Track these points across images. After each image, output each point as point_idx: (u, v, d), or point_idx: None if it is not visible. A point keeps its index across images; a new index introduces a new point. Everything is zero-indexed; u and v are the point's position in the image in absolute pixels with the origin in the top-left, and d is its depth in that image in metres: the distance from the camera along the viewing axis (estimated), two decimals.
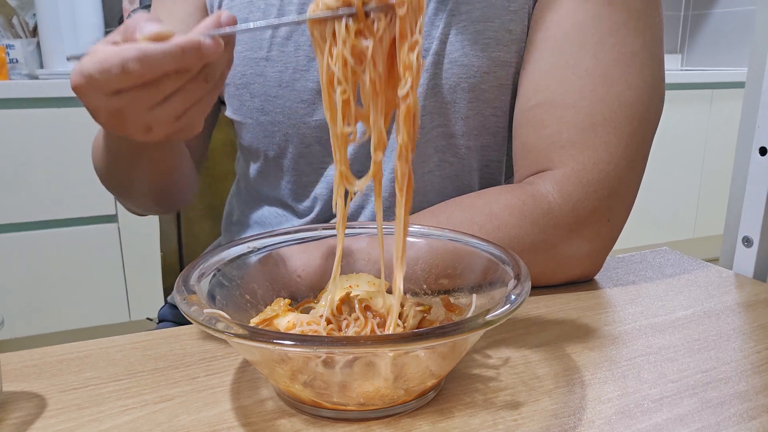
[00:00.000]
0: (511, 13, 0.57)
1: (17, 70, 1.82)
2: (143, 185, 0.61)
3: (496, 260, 0.41)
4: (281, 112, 0.62)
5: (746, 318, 0.49)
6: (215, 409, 0.37)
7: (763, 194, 0.58)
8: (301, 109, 0.61)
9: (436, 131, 0.60)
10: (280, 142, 0.63)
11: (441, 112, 0.59)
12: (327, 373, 0.33)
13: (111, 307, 1.80)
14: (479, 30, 0.57)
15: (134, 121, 0.40)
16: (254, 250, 0.45)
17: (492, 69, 0.58)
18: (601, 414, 0.36)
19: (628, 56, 0.54)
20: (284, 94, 0.61)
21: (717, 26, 2.78)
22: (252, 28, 0.38)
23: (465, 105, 0.59)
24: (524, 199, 0.53)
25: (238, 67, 0.62)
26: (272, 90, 0.61)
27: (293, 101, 0.61)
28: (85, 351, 0.44)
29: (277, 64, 0.61)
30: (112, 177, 0.62)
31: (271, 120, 0.63)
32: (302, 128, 0.62)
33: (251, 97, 0.63)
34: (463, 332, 0.31)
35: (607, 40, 0.54)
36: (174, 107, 0.39)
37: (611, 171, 0.53)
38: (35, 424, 0.35)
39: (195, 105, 0.40)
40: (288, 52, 0.60)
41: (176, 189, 0.65)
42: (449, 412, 0.36)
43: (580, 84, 0.54)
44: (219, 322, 0.32)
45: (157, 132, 0.41)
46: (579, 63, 0.54)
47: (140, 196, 0.64)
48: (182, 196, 0.68)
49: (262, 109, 0.63)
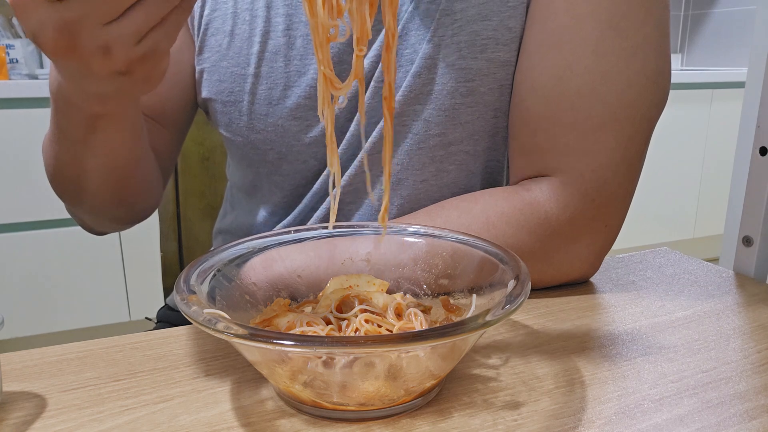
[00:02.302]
0: (510, 9, 0.54)
1: (17, 70, 1.82)
2: (98, 178, 0.54)
3: (496, 260, 0.41)
4: (273, 131, 0.59)
5: (746, 318, 0.49)
6: (215, 409, 0.37)
7: (763, 194, 0.58)
8: (294, 126, 0.58)
9: (434, 140, 0.57)
10: (273, 160, 0.61)
11: (438, 120, 0.56)
12: (327, 373, 0.33)
13: (111, 307, 1.80)
14: (476, 30, 0.54)
15: (88, 40, 0.33)
16: (254, 250, 0.45)
17: (492, 70, 0.55)
18: (601, 414, 0.36)
19: (629, 51, 0.50)
20: (275, 112, 0.58)
21: (717, 26, 2.78)
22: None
23: (464, 110, 0.56)
24: (521, 208, 0.52)
25: (225, 84, 0.59)
26: (262, 108, 0.58)
27: (285, 119, 0.58)
28: (85, 351, 0.44)
29: (266, 80, 0.58)
30: (62, 172, 0.55)
31: (263, 138, 0.60)
32: (296, 146, 0.59)
33: (240, 115, 0.60)
34: (463, 332, 0.31)
35: (607, 34, 0.50)
36: (134, 22, 0.33)
37: (610, 177, 0.52)
38: (35, 424, 0.35)
39: (159, 26, 0.35)
40: (277, 67, 0.57)
41: (136, 191, 0.59)
42: (449, 413, 0.36)
43: (578, 83, 0.51)
44: (219, 322, 0.32)
45: (116, 56, 0.35)
46: (578, 60, 0.51)
47: (95, 197, 0.56)
48: (143, 203, 0.62)
49: (253, 127, 0.60)
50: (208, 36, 0.60)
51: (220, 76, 0.60)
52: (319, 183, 0.61)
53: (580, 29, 0.51)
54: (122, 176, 0.55)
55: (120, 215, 0.61)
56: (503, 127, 0.59)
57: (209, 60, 0.60)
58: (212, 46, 0.60)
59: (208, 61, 0.60)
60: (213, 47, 0.60)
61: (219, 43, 0.59)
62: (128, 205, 0.59)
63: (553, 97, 0.52)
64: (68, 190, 0.58)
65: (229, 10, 0.59)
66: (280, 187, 0.63)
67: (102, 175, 0.54)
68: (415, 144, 0.57)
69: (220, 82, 0.60)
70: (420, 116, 0.56)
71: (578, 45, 0.51)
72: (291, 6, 0.57)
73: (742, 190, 0.60)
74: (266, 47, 0.57)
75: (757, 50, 0.57)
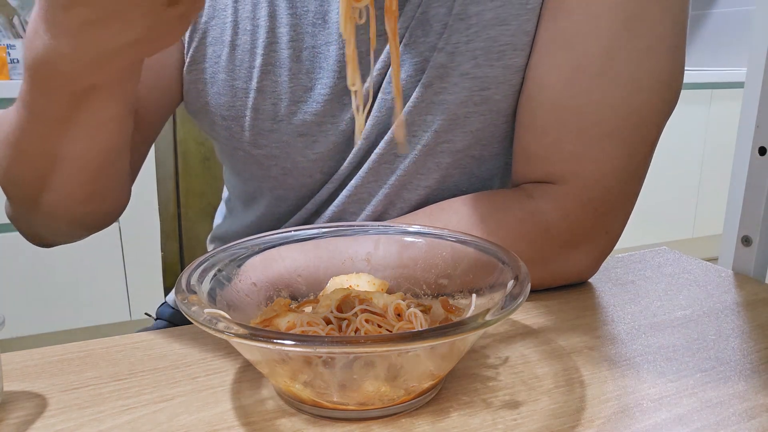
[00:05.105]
0: (529, 11, 0.50)
1: (18, 70, 1.82)
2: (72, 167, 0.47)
3: (496, 260, 0.41)
4: (278, 147, 0.56)
5: (745, 317, 0.49)
6: (215, 409, 0.37)
7: (762, 194, 0.58)
8: (299, 143, 0.56)
9: (441, 147, 0.55)
10: (277, 176, 0.58)
11: (448, 128, 0.54)
12: (327, 372, 0.33)
13: (112, 306, 1.80)
14: (493, 36, 0.51)
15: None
16: (254, 250, 0.45)
17: (507, 77, 0.52)
18: (600, 413, 0.36)
19: (642, 52, 0.48)
20: (280, 128, 0.55)
21: (716, 26, 2.78)
22: None
23: (476, 118, 0.54)
24: (521, 217, 0.51)
25: (225, 97, 0.56)
26: (266, 124, 0.55)
27: (291, 135, 0.55)
28: (86, 350, 0.44)
29: (270, 95, 0.54)
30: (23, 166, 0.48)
31: (266, 154, 0.57)
32: (302, 162, 0.57)
33: (242, 130, 0.56)
34: (463, 332, 0.31)
35: (622, 34, 0.48)
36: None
37: (614, 186, 0.51)
38: (36, 424, 0.35)
39: None
40: (282, 82, 0.54)
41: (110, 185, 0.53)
42: (449, 412, 0.36)
43: (589, 85, 0.49)
44: (219, 322, 0.32)
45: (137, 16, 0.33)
46: (590, 61, 0.48)
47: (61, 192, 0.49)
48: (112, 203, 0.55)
49: (256, 143, 0.56)
50: (205, 45, 0.56)
51: (219, 88, 0.56)
52: (323, 191, 0.59)
53: (594, 28, 0.48)
54: (101, 165, 0.49)
55: (83, 217, 0.54)
56: (511, 130, 0.57)
57: (206, 71, 0.56)
58: (210, 57, 0.56)
59: (205, 72, 0.56)
60: (211, 58, 0.56)
61: (217, 53, 0.55)
62: (98, 203, 0.53)
63: (562, 99, 0.50)
64: (26, 189, 0.50)
65: (228, 19, 0.55)
66: (284, 200, 0.61)
67: (77, 165, 0.47)
68: (422, 154, 0.55)
69: (218, 95, 0.56)
70: (430, 127, 0.54)
71: (591, 45, 0.48)
72: (295, 16, 0.54)
73: (741, 189, 0.60)
74: (270, 60, 0.54)
75: (756, 50, 0.57)
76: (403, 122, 0.42)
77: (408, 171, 0.56)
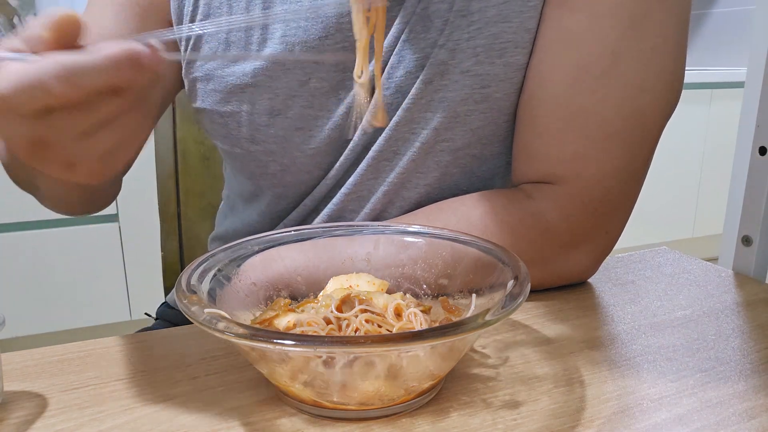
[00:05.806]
0: (531, 8, 0.50)
1: None
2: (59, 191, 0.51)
3: (496, 261, 0.41)
4: (275, 142, 0.57)
5: (745, 317, 0.49)
6: (215, 409, 0.37)
7: (762, 193, 0.58)
8: (296, 137, 0.56)
9: (441, 146, 0.55)
10: (275, 172, 0.59)
11: (448, 126, 0.53)
12: (327, 372, 0.33)
13: (112, 306, 1.80)
14: (494, 33, 0.50)
15: (57, 154, 0.32)
16: (254, 250, 0.45)
17: (509, 75, 0.52)
18: (600, 414, 0.36)
19: (647, 53, 0.48)
20: (277, 123, 0.56)
21: (716, 26, 2.78)
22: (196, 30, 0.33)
23: (476, 116, 0.53)
24: (521, 218, 0.51)
25: (221, 94, 0.57)
26: (262, 119, 0.56)
27: (287, 130, 0.56)
28: (86, 350, 0.44)
29: (266, 91, 0.55)
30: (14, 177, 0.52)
31: (264, 150, 0.57)
32: (300, 158, 0.57)
33: (239, 126, 0.57)
34: (463, 332, 0.31)
35: (627, 34, 0.47)
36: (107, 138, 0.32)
37: (614, 186, 0.51)
38: (36, 424, 0.35)
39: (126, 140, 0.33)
40: (277, 77, 0.54)
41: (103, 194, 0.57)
42: (449, 412, 0.36)
43: (593, 85, 0.48)
44: (219, 322, 0.32)
45: (79, 171, 0.33)
46: (595, 61, 0.48)
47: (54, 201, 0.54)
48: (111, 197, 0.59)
49: (253, 139, 0.57)
50: (201, 44, 0.57)
51: (216, 85, 0.57)
52: (321, 187, 0.60)
53: (599, 28, 0.48)
54: None
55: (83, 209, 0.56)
56: (513, 129, 0.56)
57: (202, 69, 0.58)
58: None
59: (201, 69, 0.58)
60: None
61: (213, 51, 0.57)
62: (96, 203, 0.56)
63: (565, 99, 0.50)
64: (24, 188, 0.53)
65: (223, 17, 0.56)
66: (283, 197, 0.62)
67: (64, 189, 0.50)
68: (422, 151, 0.55)
69: (215, 92, 0.57)
70: (429, 125, 0.54)
71: (596, 45, 0.48)
72: (288, 12, 0.55)
73: (741, 189, 0.60)
74: (261, 54, 0.55)
75: (756, 50, 0.57)
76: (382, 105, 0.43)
77: (407, 169, 0.56)
